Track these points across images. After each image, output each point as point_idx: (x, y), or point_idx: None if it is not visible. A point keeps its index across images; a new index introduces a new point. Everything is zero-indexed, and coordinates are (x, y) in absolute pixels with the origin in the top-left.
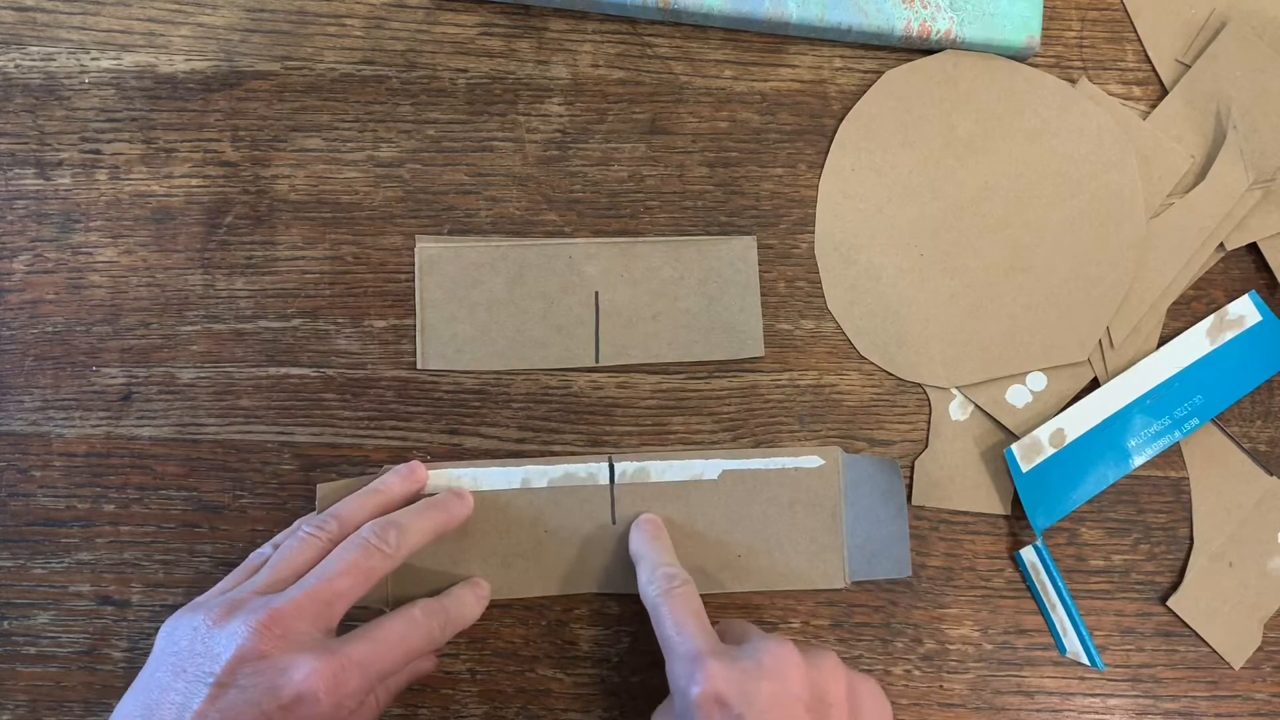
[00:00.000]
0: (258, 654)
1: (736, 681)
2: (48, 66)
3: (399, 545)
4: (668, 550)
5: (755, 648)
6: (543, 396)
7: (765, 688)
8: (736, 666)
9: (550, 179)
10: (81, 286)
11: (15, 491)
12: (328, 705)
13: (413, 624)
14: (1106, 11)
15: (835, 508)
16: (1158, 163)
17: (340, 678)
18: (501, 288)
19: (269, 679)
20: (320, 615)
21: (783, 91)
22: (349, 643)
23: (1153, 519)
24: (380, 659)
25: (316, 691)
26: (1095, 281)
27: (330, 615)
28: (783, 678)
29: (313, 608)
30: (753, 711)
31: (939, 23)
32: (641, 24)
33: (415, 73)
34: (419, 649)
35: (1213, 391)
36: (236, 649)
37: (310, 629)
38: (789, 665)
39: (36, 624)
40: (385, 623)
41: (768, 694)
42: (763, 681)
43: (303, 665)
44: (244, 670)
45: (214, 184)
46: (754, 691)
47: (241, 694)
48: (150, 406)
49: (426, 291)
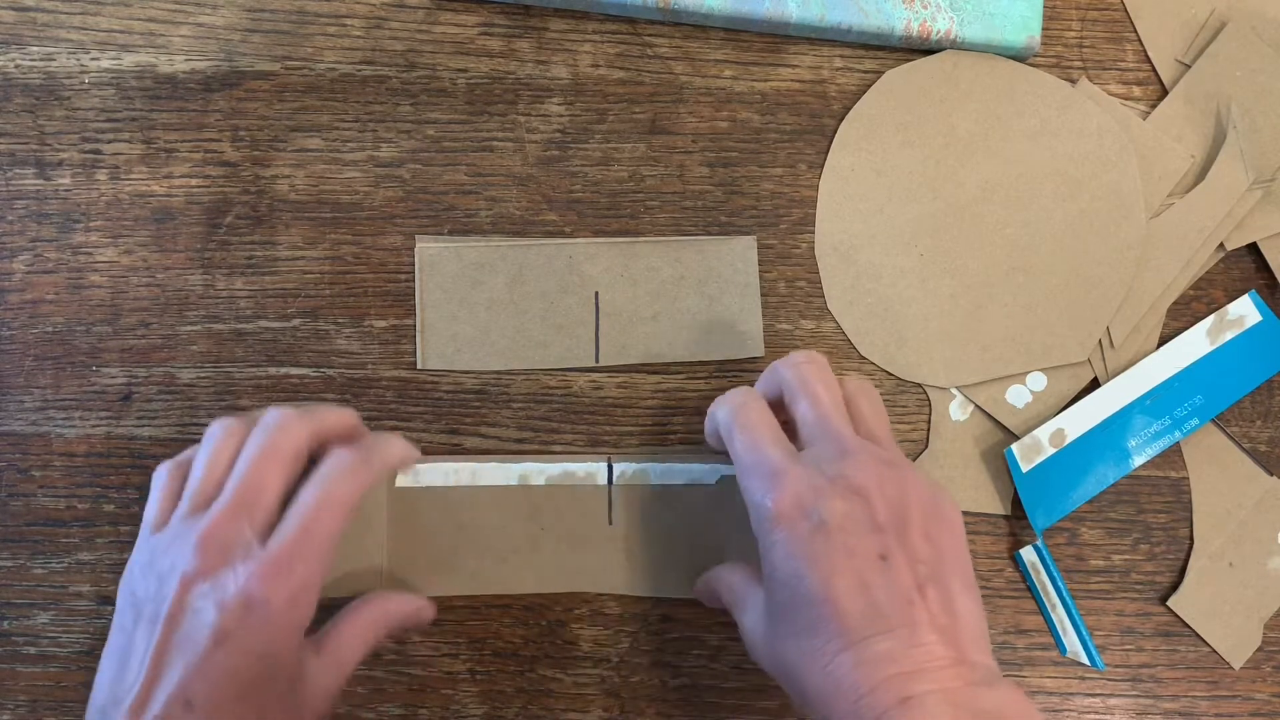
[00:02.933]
0: (198, 576)
1: (811, 494)
2: (48, 66)
3: (306, 420)
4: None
5: (838, 464)
6: (543, 397)
7: (840, 506)
8: (809, 479)
9: (550, 179)
10: (81, 286)
11: (15, 491)
12: (280, 603)
13: (331, 480)
14: (1106, 11)
15: None
16: (1158, 163)
17: (279, 572)
18: (501, 288)
19: (214, 599)
20: (251, 515)
21: (783, 91)
22: (277, 536)
23: (1153, 519)
24: (314, 532)
25: (262, 595)
26: (1095, 281)
27: (261, 509)
28: (864, 497)
29: (239, 512)
30: (833, 524)
31: (939, 23)
32: (641, 24)
33: (415, 73)
34: (351, 495)
35: (1213, 391)
36: (178, 580)
37: (244, 533)
38: (867, 482)
39: (36, 624)
40: (303, 495)
41: (843, 512)
42: (837, 500)
43: (239, 573)
44: (189, 598)
45: (214, 184)
46: (831, 506)
47: (193, 620)
48: (150, 406)
49: (426, 292)
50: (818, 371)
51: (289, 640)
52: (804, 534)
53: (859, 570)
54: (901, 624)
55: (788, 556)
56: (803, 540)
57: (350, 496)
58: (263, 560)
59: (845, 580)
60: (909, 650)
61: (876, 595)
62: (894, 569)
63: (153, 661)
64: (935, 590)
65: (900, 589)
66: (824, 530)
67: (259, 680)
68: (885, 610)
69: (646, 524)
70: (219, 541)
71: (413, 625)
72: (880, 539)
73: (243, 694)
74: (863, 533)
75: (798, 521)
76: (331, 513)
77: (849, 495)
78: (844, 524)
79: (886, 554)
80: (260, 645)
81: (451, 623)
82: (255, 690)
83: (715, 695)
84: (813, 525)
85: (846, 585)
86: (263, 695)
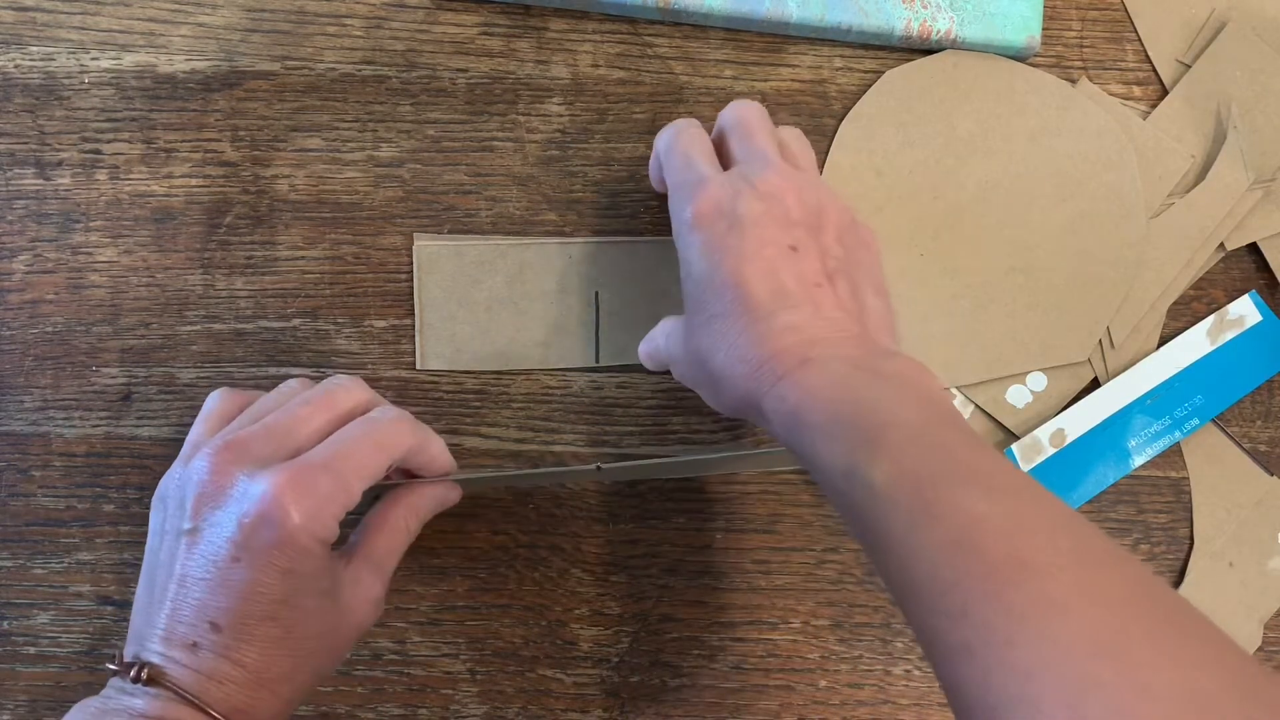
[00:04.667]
0: (216, 488)
1: (730, 197)
2: (47, 66)
3: (371, 392)
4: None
5: (760, 173)
6: (543, 397)
7: (756, 206)
8: (730, 185)
9: (550, 179)
10: (81, 286)
11: (15, 491)
12: (301, 517)
13: (380, 423)
14: (1107, 11)
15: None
16: (1158, 163)
17: (303, 483)
18: (501, 287)
19: (232, 509)
20: (283, 443)
21: (783, 91)
22: (306, 454)
23: (1153, 519)
24: (347, 455)
25: (280, 505)
26: (1095, 281)
27: (293, 438)
28: (780, 198)
29: (270, 436)
30: (748, 220)
31: (939, 23)
32: (641, 24)
33: (415, 73)
34: (394, 444)
35: (1213, 391)
36: (197, 490)
37: (269, 451)
38: (785, 187)
39: (36, 624)
40: (346, 428)
41: (759, 210)
42: (754, 201)
43: (260, 482)
44: (206, 509)
45: (214, 184)
46: (748, 206)
47: (212, 533)
48: (150, 406)
49: (425, 290)
50: (755, 111)
51: (313, 556)
52: (720, 232)
53: (769, 259)
54: (806, 301)
55: (703, 255)
56: (719, 237)
57: (394, 445)
58: (284, 469)
59: (755, 266)
60: (813, 321)
61: (784, 278)
62: (804, 258)
63: (178, 582)
64: (845, 281)
65: (809, 273)
66: (739, 226)
67: (285, 597)
68: (791, 289)
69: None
70: (242, 453)
71: (441, 509)
72: (792, 233)
73: (270, 613)
74: (776, 228)
75: (715, 222)
76: (370, 447)
77: (766, 197)
78: (758, 219)
79: (797, 246)
80: (283, 560)
81: (451, 623)
82: (283, 608)
83: (715, 695)
84: (729, 223)
85: (755, 270)
86: (291, 613)
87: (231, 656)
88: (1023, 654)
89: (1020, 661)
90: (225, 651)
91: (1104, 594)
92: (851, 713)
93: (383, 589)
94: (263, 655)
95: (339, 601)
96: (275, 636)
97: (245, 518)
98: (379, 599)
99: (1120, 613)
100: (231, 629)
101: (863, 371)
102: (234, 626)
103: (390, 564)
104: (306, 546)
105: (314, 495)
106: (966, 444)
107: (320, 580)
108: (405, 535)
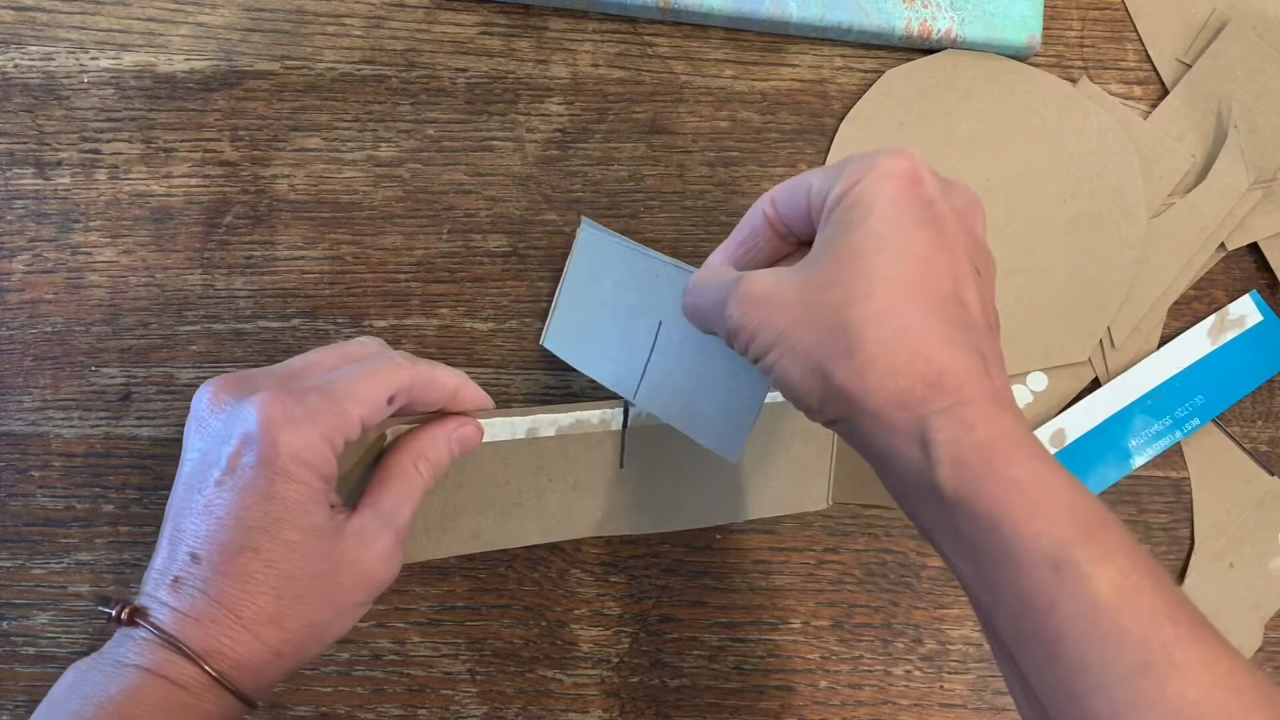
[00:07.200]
0: (211, 414)
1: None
2: (47, 66)
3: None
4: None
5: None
6: (542, 397)
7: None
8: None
9: (550, 179)
10: (81, 286)
11: (15, 491)
12: (284, 435)
13: (375, 356)
14: (1107, 11)
15: (829, 435)
16: (1158, 163)
17: (290, 400)
18: (609, 290)
19: (221, 432)
20: (288, 381)
21: (783, 91)
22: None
23: (1153, 519)
24: (342, 388)
25: (266, 423)
26: (1095, 281)
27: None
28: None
29: (279, 373)
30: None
31: (939, 22)
32: (641, 23)
33: (415, 72)
34: (390, 372)
35: (1213, 391)
36: (195, 422)
37: (270, 380)
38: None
39: (36, 624)
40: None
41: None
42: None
43: (249, 404)
44: (197, 438)
45: (213, 184)
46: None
47: (200, 459)
48: (150, 406)
49: (573, 270)
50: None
51: (298, 482)
52: (918, 204)
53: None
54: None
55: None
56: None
57: (391, 373)
58: (272, 389)
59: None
60: (989, 355)
61: (968, 298)
62: (986, 290)
63: (173, 518)
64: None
65: (988, 307)
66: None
67: (265, 526)
68: (975, 316)
69: (658, 464)
70: (241, 385)
71: (463, 451)
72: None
73: (248, 541)
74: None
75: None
76: (364, 375)
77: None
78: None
79: (981, 271)
80: (264, 483)
81: (451, 623)
82: (263, 537)
83: (715, 695)
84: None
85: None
86: (273, 545)
87: (209, 592)
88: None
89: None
90: (203, 586)
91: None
92: (851, 713)
93: (393, 540)
94: (242, 589)
95: (337, 547)
96: (253, 570)
97: (231, 438)
98: (388, 551)
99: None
100: (209, 560)
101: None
102: (211, 557)
103: (402, 514)
104: (288, 469)
105: (301, 413)
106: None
107: (308, 513)
108: (416, 481)
